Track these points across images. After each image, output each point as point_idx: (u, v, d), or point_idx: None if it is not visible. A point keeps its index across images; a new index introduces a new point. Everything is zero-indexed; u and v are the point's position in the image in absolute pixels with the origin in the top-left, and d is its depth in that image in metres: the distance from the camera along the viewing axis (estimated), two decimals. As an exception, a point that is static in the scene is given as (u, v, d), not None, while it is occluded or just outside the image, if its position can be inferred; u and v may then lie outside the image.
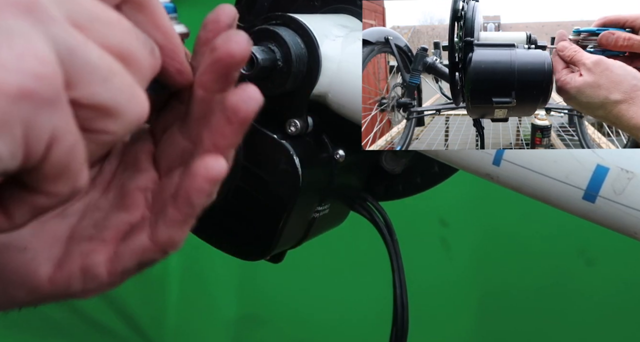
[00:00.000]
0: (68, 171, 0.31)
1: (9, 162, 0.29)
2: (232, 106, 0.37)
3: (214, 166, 0.36)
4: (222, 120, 0.37)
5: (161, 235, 0.38)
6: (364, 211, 0.58)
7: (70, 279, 0.39)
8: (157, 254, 0.39)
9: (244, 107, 0.37)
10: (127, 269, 0.39)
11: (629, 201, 0.44)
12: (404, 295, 0.56)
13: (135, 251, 0.39)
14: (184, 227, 0.38)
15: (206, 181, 0.36)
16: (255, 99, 0.37)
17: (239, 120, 0.37)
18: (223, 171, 0.37)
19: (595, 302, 1.27)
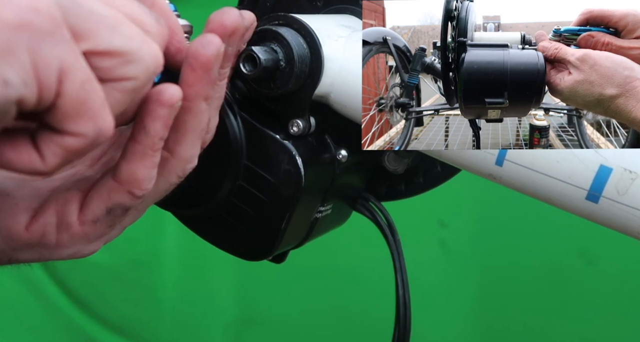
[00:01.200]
0: (87, 109, 0.32)
1: (23, 90, 0.30)
2: (192, 52, 0.37)
3: (167, 90, 0.37)
4: (186, 70, 0.38)
5: (122, 170, 0.38)
6: (366, 211, 0.58)
7: (46, 227, 0.40)
8: (123, 195, 0.39)
9: (202, 51, 0.37)
10: (96, 216, 0.40)
11: (633, 201, 0.44)
12: (407, 295, 0.56)
13: (101, 194, 0.39)
14: (145, 160, 0.38)
15: (159, 104, 0.37)
16: (214, 42, 0.38)
17: (200, 66, 0.38)
18: (176, 95, 0.37)
19: (595, 303, 1.27)
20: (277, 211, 0.51)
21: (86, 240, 0.41)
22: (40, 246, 0.40)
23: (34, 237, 0.40)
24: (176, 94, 0.37)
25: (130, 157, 0.38)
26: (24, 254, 0.41)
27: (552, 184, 0.46)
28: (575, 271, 1.27)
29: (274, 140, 0.51)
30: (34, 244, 0.40)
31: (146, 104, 0.37)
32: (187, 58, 0.38)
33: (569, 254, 1.27)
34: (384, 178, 0.60)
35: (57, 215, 0.40)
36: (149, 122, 0.37)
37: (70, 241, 0.40)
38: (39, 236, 0.40)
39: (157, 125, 0.37)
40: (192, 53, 0.38)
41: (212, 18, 0.39)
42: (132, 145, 0.38)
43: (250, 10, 0.55)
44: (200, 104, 0.39)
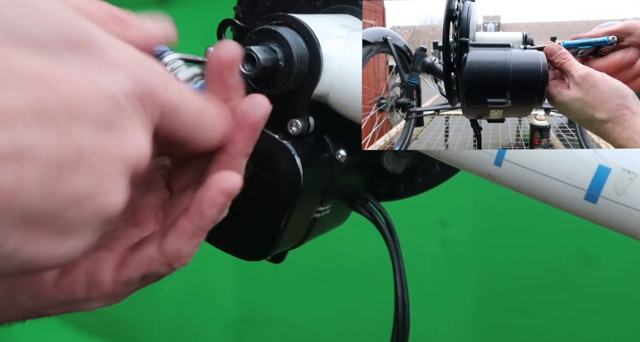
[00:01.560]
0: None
1: None
2: (242, 112, 0.39)
3: (228, 179, 0.37)
4: (233, 127, 0.39)
5: (170, 246, 0.39)
6: (365, 211, 0.58)
7: (75, 285, 0.39)
8: (163, 267, 0.39)
9: (252, 113, 0.39)
10: (131, 279, 0.39)
11: (631, 201, 0.44)
12: (406, 295, 0.56)
13: (141, 261, 0.39)
14: (194, 240, 0.39)
15: (220, 193, 0.37)
16: (263, 105, 0.39)
17: (248, 126, 0.39)
18: (237, 185, 0.38)
19: (596, 303, 1.27)
20: (276, 210, 0.51)
21: (115, 297, 0.40)
22: (67, 303, 0.40)
23: (62, 294, 0.40)
24: (238, 183, 0.38)
25: (181, 235, 0.38)
26: (53, 309, 0.41)
27: (551, 184, 0.46)
28: (576, 271, 1.27)
29: (273, 140, 0.51)
30: (62, 302, 0.40)
31: (206, 190, 0.38)
32: (234, 116, 0.39)
33: (569, 254, 1.27)
34: (383, 178, 0.60)
35: (88, 274, 0.39)
36: (207, 208, 0.38)
37: (99, 297, 0.40)
38: (67, 293, 0.39)
39: (214, 211, 0.38)
40: (242, 113, 0.39)
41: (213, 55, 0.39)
42: (185, 225, 0.38)
43: (249, 10, 0.55)
44: (243, 161, 0.40)
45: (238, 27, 0.51)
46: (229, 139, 0.39)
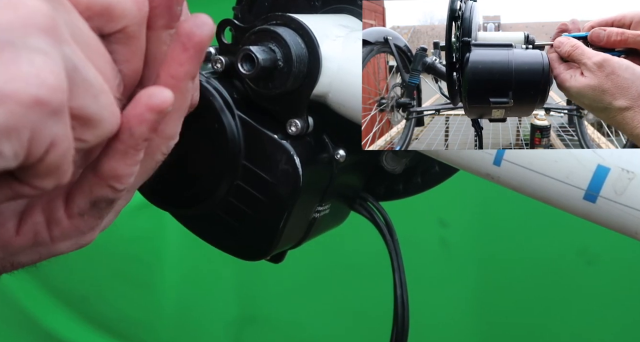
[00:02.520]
0: (58, 171, 0.33)
1: (10, 162, 0.31)
2: (186, 32, 0.37)
3: (158, 95, 0.36)
4: (178, 48, 0.38)
5: (103, 167, 0.38)
6: (364, 211, 0.58)
7: (36, 226, 0.40)
8: (105, 190, 0.39)
9: (197, 32, 0.37)
10: (82, 209, 0.40)
11: (630, 201, 0.44)
12: (405, 294, 0.56)
13: (83, 188, 0.39)
14: (127, 159, 0.38)
15: (148, 109, 0.36)
16: (208, 24, 0.38)
17: (194, 46, 0.38)
18: (167, 101, 0.36)
19: (595, 302, 1.27)
20: (275, 210, 0.51)
21: (79, 232, 0.41)
22: (36, 246, 0.41)
23: (26, 238, 0.40)
24: (168, 99, 0.36)
25: (112, 155, 0.38)
26: (24, 256, 0.41)
27: (550, 184, 0.46)
28: (575, 271, 1.27)
29: (272, 140, 0.51)
30: (29, 246, 0.40)
31: (135, 106, 0.36)
32: (179, 37, 0.38)
33: (568, 253, 1.27)
34: (382, 178, 0.60)
35: (44, 213, 0.40)
36: (135, 124, 0.37)
37: (63, 235, 0.40)
38: (31, 237, 0.40)
39: (143, 128, 0.37)
40: (186, 33, 0.37)
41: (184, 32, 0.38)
42: (114, 144, 0.38)
43: (248, 10, 0.55)
44: (189, 83, 0.39)
45: (237, 27, 0.51)
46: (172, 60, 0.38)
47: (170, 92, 0.36)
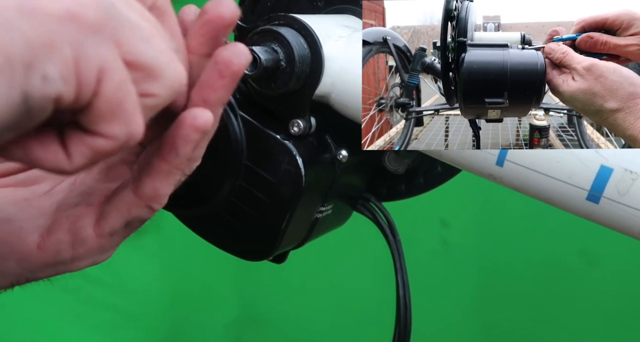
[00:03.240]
0: (121, 111, 0.32)
1: (62, 87, 0.30)
2: (225, 60, 0.38)
3: (201, 116, 0.37)
4: (214, 74, 0.38)
5: (145, 187, 0.38)
6: (366, 211, 0.58)
7: (59, 245, 0.40)
8: (143, 210, 0.39)
9: (236, 61, 0.38)
10: (114, 229, 0.39)
11: (633, 201, 0.44)
12: (407, 295, 0.56)
13: (120, 208, 0.39)
14: (169, 178, 0.38)
15: (193, 129, 0.37)
16: (246, 54, 0.38)
17: (230, 74, 0.38)
18: (210, 122, 0.37)
19: (596, 303, 1.27)
20: (278, 211, 0.51)
21: (102, 251, 0.41)
22: (55, 264, 0.40)
23: (47, 255, 0.40)
24: (210, 119, 0.37)
25: (156, 176, 0.38)
26: (41, 272, 0.41)
27: (553, 185, 0.46)
28: (576, 271, 1.27)
29: (275, 140, 0.51)
30: (49, 263, 0.40)
31: (179, 127, 0.37)
32: (215, 64, 0.38)
33: (569, 254, 1.27)
34: (384, 178, 0.60)
35: (70, 232, 0.40)
36: (180, 145, 0.37)
37: (86, 254, 0.40)
38: (53, 254, 0.40)
39: (188, 148, 0.37)
40: (224, 61, 0.38)
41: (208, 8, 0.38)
42: (159, 164, 0.38)
43: (251, 10, 0.55)
44: (220, 109, 0.40)
45: (240, 27, 0.51)
46: (207, 86, 0.38)
47: (211, 113, 0.37)
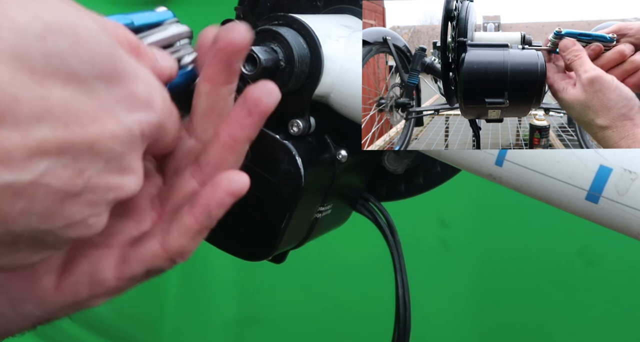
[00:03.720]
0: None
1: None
2: (254, 99, 0.38)
3: (237, 180, 0.38)
4: (242, 112, 0.38)
5: (173, 243, 0.39)
6: (366, 211, 0.58)
7: (77, 286, 0.39)
8: (166, 263, 0.39)
9: (265, 100, 0.38)
10: (135, 275, 0.39)
11: (633, 201, 0.44)
12: (407, 295, 0.56)
13: (144, 257, 0.39)
14: (198, 237, 0.39)
15: (228, 194, 0.38)
16: (275, 93, 0.39)
17: (259, 112, 0.38)
18: (246, 186, 0.38)
19: (595, 302, 1.27)
20: (277, 211, 0.51)
21: (120, 292, 0.40)
22: (74, 304, 0.40)
23: (66, 297, 0.39)
24: (246, 184, 0.38)
25: (185, 233, 0.38)
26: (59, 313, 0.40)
27: (552, 184, 0.46)
28: (575, 271, 1.27)
29: (274, 140, 0.51)
30: (67, 305, 0.40)
31: (214, 190, 0.38)
32: (245, 102, 0.39)
33: (569, 253, 1.27)
34: (384, 178, 0.60)
35: (89, 274, 0.39)
36: (214, 208, 0.38)
37: (104, 295, 0.40)
38: (71, 296, 0.39)
39: (221, 211, 0.38)
40: (254, 99, 0.39)
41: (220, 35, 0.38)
42: (190, 222, 0.38)
43: (250, 10, 0.55)
44: (246, 146, 0.40)
45: (239, 23, 0.51)
46: (236, 123, 0.39)
47: (247, 177, 0.38)
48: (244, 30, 0.38)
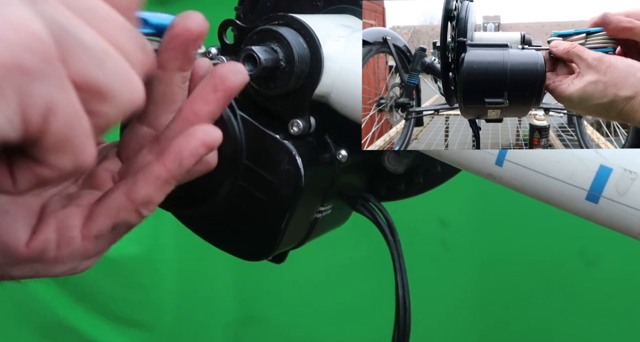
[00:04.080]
0: (70, 144, 0.32)
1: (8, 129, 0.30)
2: (221, 75, 0.38)
3: (213, 132, 0.37)
4: (208, 88, 0.39)
5: (140, 191, 0.38)
6: (366, 211, 0.58)
7: (46, 243, 0.39)
8: (132, 214, 0.39)
9: (232, 78, 0.39)
10: (101, 231, 0.39)
11: (633, 201, 0.44)
12: (407, 296, 0.56)
13: (109, 210, 0.39)
14: (165, 187, 0.38)
15: (202, 144, 0.37)
16: (242, 73, 0.39)
17: (224, 89, 0.39)
18: (219, 139, 0.37)
19: (595, 302, 1.27)
20: (277, 211, 0.51)
21: (85, 256, 0.40)
22: (38, 262, 0.40)
23: (33, 253, 0.39)
24: (219, 137, 0.38)
25: (153, 181, 0.38)
26: (19, 270, 0.40)
27: (552, 184, 0.46)
28: (575, 271, 1.27)
29: (274, 140, 0.51)
30: (32, 260, 0.40)
31: (188, 140, 0.37)
32: (212, 78, 0.39)
33: (569, 254, 1.27)
34: (384, 178, 0.60)
35: (58, 231, 0.39)
36: (186, 156, 0.38)
37: (69, 256, 0.40)
38: (39, 252, 0.39)
39: (192, 161, 0.38)
40: (220, 76, 0.39)
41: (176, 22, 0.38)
42: (158, 170, 0.38)
43: (250, 10, 0.55)
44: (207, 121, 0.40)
45: (239, 27, 0.51)
46: (200, 99, 0.39)
47: (221, 132, 0.38)
48: (200, 18, 0.38)
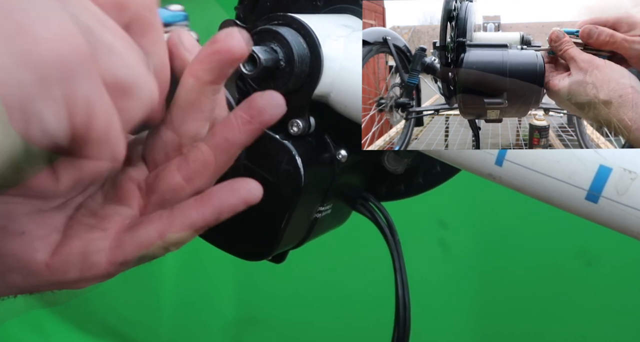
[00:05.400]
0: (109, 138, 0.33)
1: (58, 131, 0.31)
2: (259, 107, 0.38)
3: (255, 191, 0.39)
4: (244, 117, 0.38)
5: (174, 234, 0.39)
6: (366, 211, 0.58)
7: (68, 266, 0.39)
8: (160, 251, 0.39)
9: (269, 111, 0.38)
10: (127, 260, 0.39)
11: (632, 201, 0.44)
12: (406, 295, 0.56)
13: (140, 243, 0.39)
14: (197, 232, 0.39)
15: (243, 202, 0.39)
16: (281, 106, 0.39)
17: (260, 121, 0.38)
18: (259, 198, 0.39)
19: (595, 303, 1.27)
20: (277, 210, 0.51)
21: (106, 278, 0.40)
22: (60, 283, 0.40)
23: (55, 275, 0.39)
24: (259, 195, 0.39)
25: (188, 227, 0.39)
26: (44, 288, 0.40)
27: (552, 184, 0.46)
28: (575, 271, 1.27)
29: (274, 140, 0.51)
30: (54, 282, 0.39)
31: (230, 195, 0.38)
32: (249, 107, 0.39)
33: (568, 254, 1.27)
34: (383, 178, 0.60)
35: (82, 255, 0.39)
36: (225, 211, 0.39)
37: (93, 278, 0.40)
38: (61, 274, 0.39)
39: (230, 215, 0.39)
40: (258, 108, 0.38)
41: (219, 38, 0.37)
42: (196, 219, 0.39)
43: (250, 10, 0.55)
44: (238, 151, 0.40)
45: (239, 27, 0.51)
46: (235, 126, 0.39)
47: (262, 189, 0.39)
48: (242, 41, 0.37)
